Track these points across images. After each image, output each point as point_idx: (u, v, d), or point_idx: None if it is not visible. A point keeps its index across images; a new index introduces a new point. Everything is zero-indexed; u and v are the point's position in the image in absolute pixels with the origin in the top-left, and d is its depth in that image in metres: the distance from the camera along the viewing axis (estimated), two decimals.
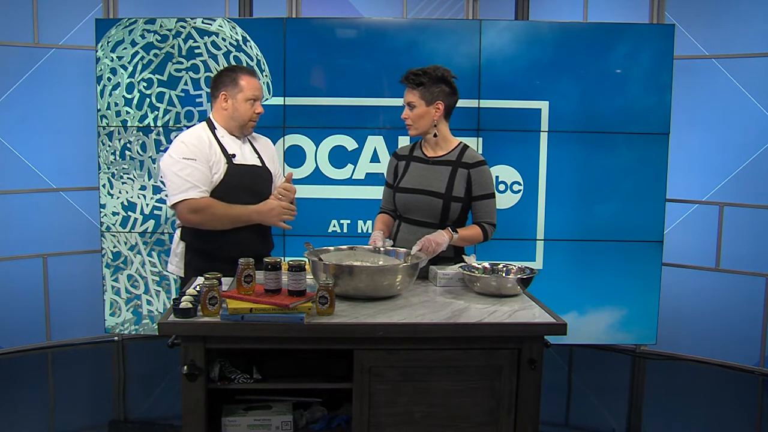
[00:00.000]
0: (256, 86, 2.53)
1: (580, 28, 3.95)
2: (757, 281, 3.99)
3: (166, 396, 3.51)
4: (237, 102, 2.51)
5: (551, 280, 3.87)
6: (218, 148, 2.50)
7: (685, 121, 4.09)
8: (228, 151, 2.51)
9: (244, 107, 2.51)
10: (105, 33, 3.91)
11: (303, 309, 1.88)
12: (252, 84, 2.52)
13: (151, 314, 4.11)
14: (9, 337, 4.08)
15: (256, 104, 2.53)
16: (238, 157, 2.53)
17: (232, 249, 2.43)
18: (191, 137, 2.49)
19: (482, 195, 2.48)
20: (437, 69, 2.45)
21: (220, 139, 2.53)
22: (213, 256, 2.46)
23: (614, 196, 3.99)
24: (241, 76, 2.52)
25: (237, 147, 2.55)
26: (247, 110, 2.51)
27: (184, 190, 2.41)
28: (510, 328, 1.93)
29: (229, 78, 2.53)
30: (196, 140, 2.48)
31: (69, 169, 4.20)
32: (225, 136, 2.55)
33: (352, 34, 3.93)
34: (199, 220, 2.44)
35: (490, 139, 3.95)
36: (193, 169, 2.41)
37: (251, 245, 2.50)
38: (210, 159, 2.46)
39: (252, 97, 2.51)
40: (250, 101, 2.51)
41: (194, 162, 2.42)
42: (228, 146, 2.53)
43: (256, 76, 2.57)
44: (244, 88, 2.50)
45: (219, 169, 2.47)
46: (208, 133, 2.53)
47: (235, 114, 2.52)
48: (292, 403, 2.06)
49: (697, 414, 3.55)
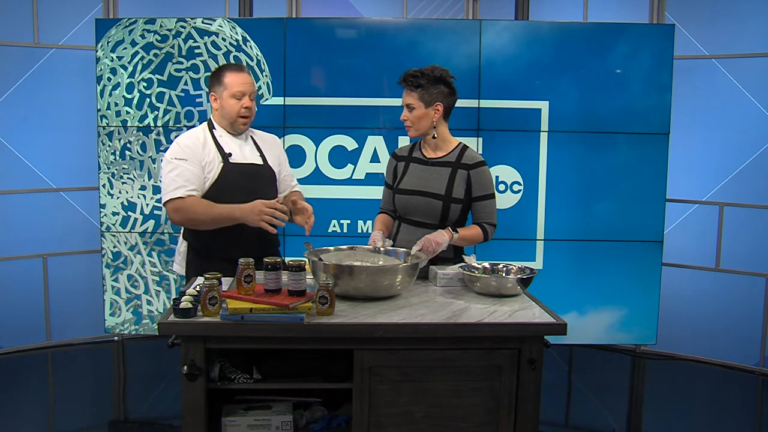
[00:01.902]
0: (241, 81, 2.49)
1: (580, 28, 3.95)
2: (757, 281, 3.99)
3: (166, 396, 3.51)
4: (223, 100, 2.50)
5: (551, 280, 3.87)
6: (214, 147, 2.50)
7: (685, 121, 4.09)
8: (225, 150, 2.50)
9: (230, 104, 2.49)
10: (105, 33, 3.91)
11: (303, 309, 1.88)
12: (237, 79, 2.48)
13: (151, 314, 4.11)
14: (9, 337, 4.08)
15: (243, 99, 2.49)
16: (236, 155, 2.52)
17: (234, 248, 2.41)
18: (186, 138, 2.50)
19: (482, 196, 2.48)
20: (435, 69, 2.44)
21: (218, 138, 2.52)
22: (214, 256, 2.45)
23: (614, 196, 3.99)
24: (225, 73, 2.50)
25: (236, 146, 2.54)
26: (233, 106, 2.49)
27: (171, 190, 2.41)
28: (510, 328, 1.93)
29: (215, 78, 2.53)
30: (190, 141, 2.48)
31: (69, 169, 4.20)
32: (224, 135, 2.54)
33: (352, 34, 3.93)
34: (181, 219, 2.44)
35: (490, 139, 3.95)
36: (183, 170, 2.42)
37: (253, 244, 2.48)
38: (203, 159, 2.46)
39: (237, 92, 2.48)
40: (236, 97, 2.48)
41: (184, 162, 2.43)
42: (226, 145, 2.52)
43: (243, 71, 2.52)
44: (228, 85, 2.48)
45: (213, 168, 2.46)
46: (207, 133, 2.53)
47: (223, 112, 2.51)
48: (292, 403, 2.06)
49: (697, 414, 3.55)
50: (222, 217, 2.40)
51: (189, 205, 2.41)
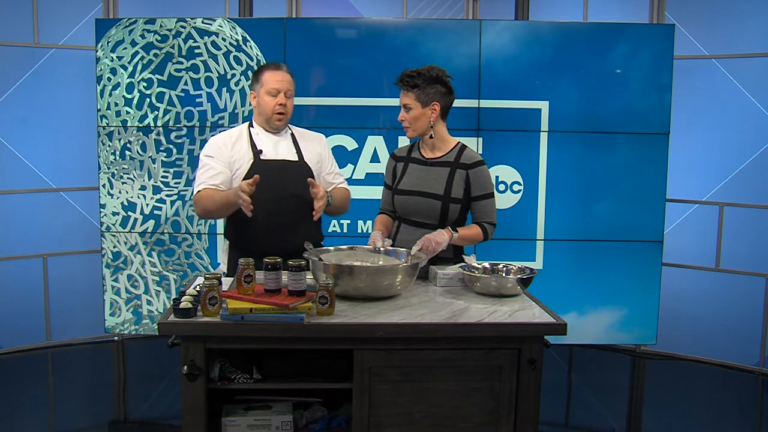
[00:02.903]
0: (278, 79, 2.52)
1: (580, 28, 3.95)
2: (757, 281, 3.99)
3: (166, 396, 3.51)
4: (260, 97, 2.55)
5: (551, 280, 3.87)
6: (247, 144, 2.55)
7: (685, 121, 4.09)
8: (257, 147, 2.55)
9: (265, 100, 2.53)
10: (105, 33, 3.91)
11: (303, 309, 1.88)
12: (273, 77, 2.52)
13: (151, 314, 4.11)
14: (9, 337, 4.08)
15: (279, 96, 2.52)
16: (268, 152, 2.55)
17: (266, 244, 2.42)
18: (219, 137, 2.60)
19: (481, 195, 2.48)
20: (432, 69, 2.44)
21: (254, 136, 2.58)
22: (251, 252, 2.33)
23: (614, 196, 3.98)
24: (264, 71, 2.55)
25: (271, 143, 2.57)
26: (268, 103, 2.53)
27: (197, 186, 2.51)
28: (510, 328, 1.93)
29: (255, 76, 2.59)
30: (221, 139, 2.57)
31: (69, 169, 4.20)
32: (260, 133, 2.60)
33: (352, 34, 3.93)
34: (200, 212, 2.53)
35: (490, 139, 3.95)
36: (209, 167, 2.51)
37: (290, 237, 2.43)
38: (231, 157, 2.52)
39: (272, 89, 2.52)
40: (271, 94, 2.52)
41: (211, 159, 2.52)
42: (261, 143, 2.56)
43: (281, 69, 2.55)
44: (264, 82, 2.53)
45: (242, 165, 2.52)
46: (244, 131, 2.60)
47: (260, 109, 2.57)
48: (292, 403, 2.06)
49: (697, 414, 3.55)
50: (223, 203, 2.43)
51: (202, 197, 2.47)
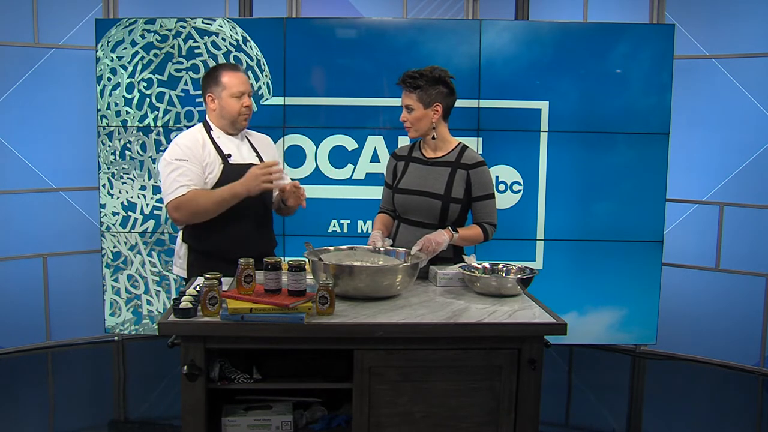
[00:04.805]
0: (239, 81, 2.50)
1: (580, 28, 3.95)
2: (757, 281, 3.99)
3: (166, 396, 3.51)
4: (223, 100, 2.50)
5: (551, 280, 3.87)
6: (213, 148, 2.50)
7: (685, 121, 4.09)
8: (224, 151, 2.50)
9: (230, 104, 2.49)
10: (105, 33, 3.91)
11: (303, 309, 1.88)
12: (235, 79, 2.49)
13: (151, 314, 4.11)
14: (9, 337, 4.08)
15: (243, 98, 2.50)
16: (235, 156, 2.52)
17: (233, 248, 2.42)
18: (185, 139, 2.49)
19: (482, 196, 2.48)
20: (434, 70, 2.44)
21: (216, 139, 2.52)
22: (214, 256, 2.45)
23: (614, 196, 3.98)
24: (222, 73, 2.51)
25: (234, 146, 2.54)
26: (234, 106, 2.49)
27: (174, 190, 2.41)
28: (510, 328, 1.93)
29: (212, 78, 2.52)
30: (190, 141, 2.48)
31: (69, 169, 4.20)
32: (221, 136, 2.54)
33: (352, 34, 3.93)
34: (183, 216, 2.43)
35: (490, 139, 3.95)
36: (185, 170, 2.42)
37: (252, 244, 2.49)
38: (204, 160, 2.46)
39: (237, 92, 2.49)
40: (236, 96, 2.49)
41: (186, 162, 2.43)
42: (224, 146, 2.52)
43: (239, 70, 2.54)
44: (227, 85, 2.49)
45: (214, 169, 2.46)
46: (204, 134, 2.53)
47: (223, 112, 2.51)
48: (292, 403, 2.06)
49: (697, 414, 3.55)
50: (225, 198, 2.39)
51: (190, 198, 2.40)
